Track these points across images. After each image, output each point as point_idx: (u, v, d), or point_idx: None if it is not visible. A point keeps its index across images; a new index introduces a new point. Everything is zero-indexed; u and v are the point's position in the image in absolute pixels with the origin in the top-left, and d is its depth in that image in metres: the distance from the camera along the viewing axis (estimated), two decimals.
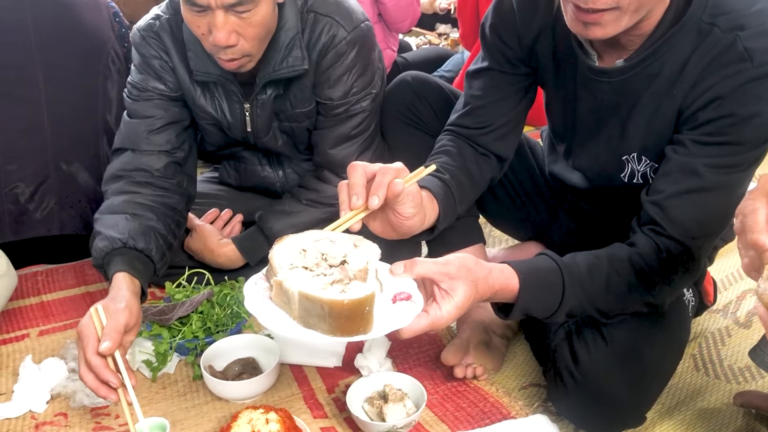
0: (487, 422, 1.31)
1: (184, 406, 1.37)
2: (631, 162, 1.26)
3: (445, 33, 4.11)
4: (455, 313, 1.03)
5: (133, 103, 1.60)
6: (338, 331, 0.95)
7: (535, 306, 1.13)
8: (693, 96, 1.13)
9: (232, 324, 1.53)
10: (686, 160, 1.14)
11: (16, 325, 1.63)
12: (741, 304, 1.67)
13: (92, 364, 1.18)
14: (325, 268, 1.01)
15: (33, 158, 1.77)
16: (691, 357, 1.50)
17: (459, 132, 1.41)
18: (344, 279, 0.98)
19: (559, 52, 1.29)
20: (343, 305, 0.93)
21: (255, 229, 1.71)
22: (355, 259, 1.01)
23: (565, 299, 1.13)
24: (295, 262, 1.01)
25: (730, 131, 1.11)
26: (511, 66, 1.36)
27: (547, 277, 1.13)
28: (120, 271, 1.34)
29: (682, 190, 1.14)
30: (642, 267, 1.14)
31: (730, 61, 1.09)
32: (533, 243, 1.70)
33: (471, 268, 1.05)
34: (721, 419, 1.33)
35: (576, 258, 1.16)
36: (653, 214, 1.15)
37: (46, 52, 1.79)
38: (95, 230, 1.45)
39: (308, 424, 1.26)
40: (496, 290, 1.08)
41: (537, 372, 1.45)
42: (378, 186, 1.05)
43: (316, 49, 1.54)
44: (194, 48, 1.52)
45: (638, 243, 1.16)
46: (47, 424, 1.32)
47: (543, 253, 1.18)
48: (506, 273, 1.10)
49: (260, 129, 1.65)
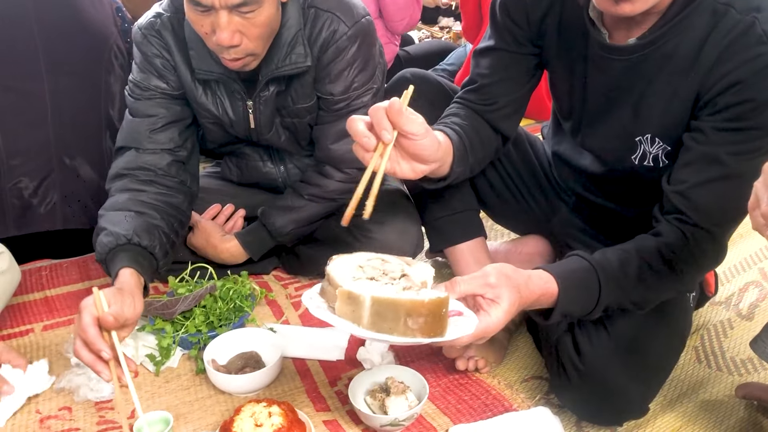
0: (489, 414, 1.31)
1: (187, 399, 1.38)
2: (643, 143, 1.26)
3: (448, 26, 4.10)
4: (504, 318, 1.05)
5: (135, 102, 1.60)
6: (417, 332, 0.95)
7: (573, 308, 1.14)
8: (711, 80, 1.12)
9: (234, 318, 1.54)
10: (708, 149, 1.14)
11: (20, 320, 1.64)
12: (743, 296, 1.67)
13: (88, 333, 1.18)
14: (389, 280, 1.02)
15: (36, 153, 1.78)
16: (693, 349, 1.50)
17: (466, 104, 1.41)
18: (413, 287, 1.00)
19: (567, 30, 1.28)
20: (423, 305, 0.94)
21: (258, 225, 1.71)
22: (414, 273, 1.03)
23: (602, 297, 1.14)
24: (357, 275, 1.02)
25: (750, 116, 1.10)
26: (519, 45, 1.36)
27: (583, 278, 1.14)
28: (125, 267, 1.34)
29: (705, 179, 1.14)
30: (671, 256, 1.15)
31: (748, 44, 1.08)
32: (534, 236, 1.71)
33: (509, 275, 1.07)
34: (723, 411, 1.33)
35: (606, 254, 1.17)
36: (678, 204, 1.16)
37: (49, 47, 1.78)
38: (99, 226, 1.45)
39: (311, 417, 1.26)
40: (537, 296, 1.10)
41: (539, 365, 1.46)
42: (379, 122, 1.05)
43: (317, 44, 1.53)
44: (196, 46, 1.52)
45: (664, 232, 1.17)
46: (51, 418, 1.33)
47: (575, 254, 1.19)
48: (544, 278, 1.11)
49: (263, 126, 1.65)
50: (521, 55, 1.37)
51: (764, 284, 1.71)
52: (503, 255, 1.73)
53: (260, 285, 1.74)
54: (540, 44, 1.35)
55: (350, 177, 1.67)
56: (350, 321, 0.97)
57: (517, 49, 1.36)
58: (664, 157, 1.24)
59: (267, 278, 1.80)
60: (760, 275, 1.74)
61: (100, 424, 1.31)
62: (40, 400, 1.37)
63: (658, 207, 1.21)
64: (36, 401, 1.37)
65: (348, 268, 1.04)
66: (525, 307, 1.11)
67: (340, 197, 1.68)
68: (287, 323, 1.62)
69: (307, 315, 1.65)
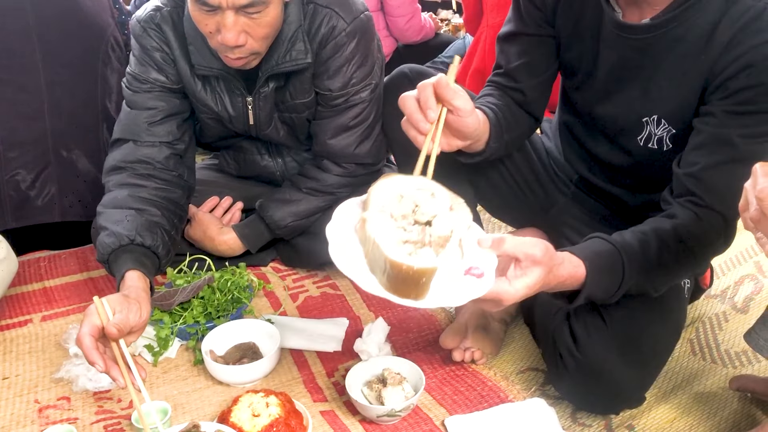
0: (485, 405, 1.32)
1: (185, 390, 1.38)
2: (650, 124, 1.27)
3: (447, 19, 4.09)
4: (523, 292, 1.02)
5: (133, 95, 1.59)
6: (392, 290, 0.94)
7: (598, 291, 1.13)
8: (722, 64, 1.13)
9: (232, 309, 1.55)
10: (719, 131, 1.15)
11: (19, 311, 1.64)
12: (738, 289, 1.68)
13: (82, 343, 1.16)
14: (409, 222, 0.99)
15: (33, 145, 1.78)
16: (688, 341, 1.51)
17: (498, 87, 1.43)
18: (418, 243, 0.97)
19: (581, 6, 1.29)
20: (401, 269, 0.92)
21: (255, 217, 1.72)
22: (442, 223, 0.99)
23: (625, 280, 1.14)
24: (387, 207, 1.00)
25: (762, 100, 1.11)
26: (539, 28, 1.37)
27: (608, 261, 1.13)
28: (131, 270, 1.32)
29: (717, 161, 1.14)
30: (687, 238, 1.16)
31: (760, 29, 1.09)
32: (530, 229, 1.71)
33: (552, 255, 1.06)
34: (717, 403, 1.34)
35: (625, 237, 1.16)
36: (690, 186, 1.17)
37: (46, 38, 1.78)
38: (99, 224, 1.43)
39: (308, 407, 1.27)
40: (563, 280, 1.09)
41: (535, 356, 1.47)
42: (426, 100, 1.06)
43: (315, 40, 1.53)
44: (195, 42, 1.51)
45: (679, 214, 1.17)
46: (50, 407, 1.34)
47: (597, 236, 1.17)
48: (574, 262, 1.10)
49: (262, 122, 1.65)
50: (543, 37, 1.38)
51: (759, 277, 1.72)
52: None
53: (258, 276, 1.74)
54: (553, 25, 1.36)
55: (348, 171, 1.67)
56: (360, 248, 0.98)
57: (538, 32, 1.37)
58: (669, 140, 1.25)
59: (265, 270, 1.81)
60: (755, 268, 1.75)
61: (98, 414, 1.32)
62: (39, 390, 1.38)
63: (668, 190, 1.22)
64: (35, 391, 1.38)
65: (390, 193, 1.02)
66: (547, 289, 1.09)
67: (338, 191, 1.68)
68: (285, 314, 1.62)
69: (305, 306, 1.66)
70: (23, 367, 1.45)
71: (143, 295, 1.28)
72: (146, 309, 1.26)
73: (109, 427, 1.29)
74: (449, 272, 0.98)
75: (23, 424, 1.30)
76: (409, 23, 3.25)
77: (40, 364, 1.46)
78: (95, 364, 1.15)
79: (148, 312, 1.26)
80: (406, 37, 3.29)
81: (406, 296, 0.95)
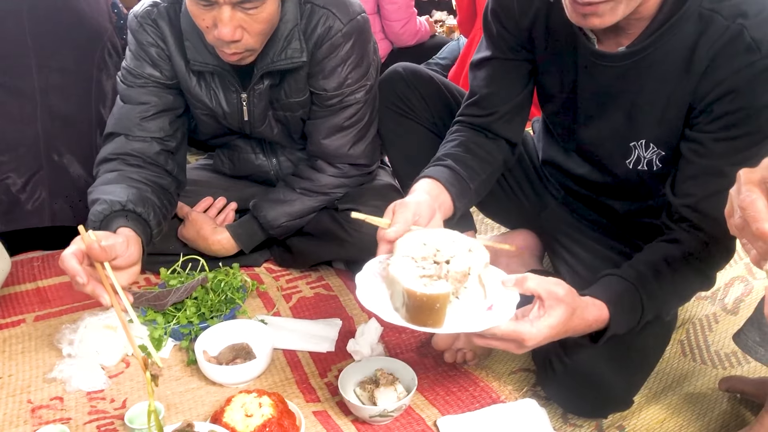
0: (476, 406, 1.33)
1: (178, 390, 1.39)
2: (638, 148, 1.28)
3: (441, 20, 4.09)
4: (546, 332, 1.04)
5: (127, 89, 1.60)
6: (411, 319, 1.01)
7: (621, 329, 1.16)
8: (705, 87, 1.14)
9: (226, 310, 1.55)
10: (709, 162, 1.17)
11: (12, 311, 1.64)
12: (729, 291, 1.69)
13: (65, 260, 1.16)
14: (428, 263, 1.06)
15: (25, 149, 1.77)
16: (678, 343, 1.52)
17: (467, 121, 1.43)
18: (434, 276, 1.03)
19: (556, 35, 1.30)
20: (415, 296, 0.98)
21: (249, 217, 1.72)
22: (460, 262, 1.06)
23: (645, 314, 1.17)
24: (409, 252, 1.08)
25: (746, 122, 1.12)
26: (513, 52, 1.37)
27: (629, 300, 1.16)
28: (123, 227, 1.32)
29: (712, 192, 1.16)
30: (697, 263, 1.20)
31: (737, 52, 1.10)
32: (523, 231, 1.72)
33: (575, 296, 1.09)
34: (707, 403, 1.35)
35: (640, 270, 1.19)
36: (689, 216, 1.20)
37: (40, 42, 1.77)
38: (91, 200, 1.42)
39: (301, 408, 1.28)
40: (590, 323, 1.12)
41: (526, 357, 1.47)
42: None
43: (311, 40, 1.54)
44: (191, 38, 1.52)
45: (684, 240, 1.20)
46: (43, 407, 1.34)
47: (613, 273, 1.20)
48: (598, 306, 1.13)
49: (257, 119, 1.66)
50: (517, 61, 1.38)
51: (750, 279, 1.73)
52: (492, 249, 1.75)
53: (252, 277, 1.75)
54: (530, 49, 1.36)
55: (342, 172, 1.68)
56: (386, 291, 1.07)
57: (512, 56, 1.37)
58: (659, 161, 1.26)
59: (258, 270, 1.81)
60: (745, 270, 1.76)
61: (91, 414, 1.32)
62: (32, 390, 1.38)
63: (666, 215, 1.24)
64: (28, 391, 1.38)
65: (414, 241, 1.10)
66: (572, 333, 1.11)
67: (332, 191, 1.69)
68: (278, 315, 1.63)
69: (298, 307, 1.66)
70: (16, 368, 1.45)
71: (133, 237, 1.29)
72: (135, 248, 1.28)
73: (102, 427, 1.29)
74: (472, 309, 1.05)
75: (16, 424, 1.30)
76: (404, 27, 3.26)
77: (33, 364, 1.46)
78: (77, 275, 1.15)
79: (137, 252, 1.28)
80: (401, 40, 3.31)
81: (424, 324, 1.01)
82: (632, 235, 1.43)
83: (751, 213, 0.79)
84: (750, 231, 0.79)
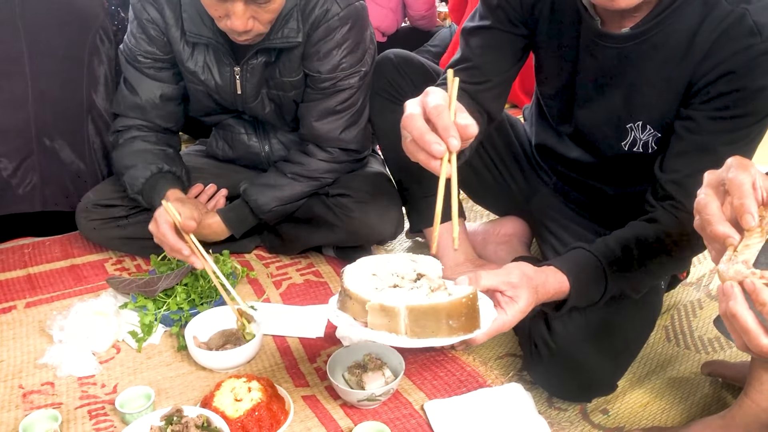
0: (463, 390, 1.35)
1: (169, 375, 1.40)
2: (634, 130, 1.29)
3: None
4: (519, 316, 1.11)
5: (127, 67, 1.68)
6: (460, 330, 0.99)
7: (582, 301, 1.19)
8: (704, 69, 1.15)
9: (216, 296, 1.56)
10: (701, 138, 1.17)
11: (2, 298, 1.65)
12: (713, 278, 1.71)
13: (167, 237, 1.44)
14: (410, 282, 1.06)
15: (16, 134, 1.76)
16: (663, 328, 1.55)
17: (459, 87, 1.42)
18: (441, 287, 1.03)
19: (559, 14, 1.30)
20: (462, 304, 0.98)
21: (240, 202, 1.73)
22: (427, 270, 1.07)
23: (608, 288, 1.19)
24: (378, 285, 1.05)
25: (741, 104, 1.14)
26: (512, 25, 1.36)
27: (591, 273, 1.18)
28: (172, 188, 1.60)
29: (699, 169, 1.14)
30: (670, 243, 1.20)
31: (739, 35, 1.11)
32: (512, 218, 1.73)
33: (531, 276, 1.12)
34: (689, 387, 1.38)
35: (608, 244, 1.20)
36: (672, 192, 1.20)
37: (32, 27, 1.76)
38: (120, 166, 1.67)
39: (290, 392, 1.30)
40: (551, 294, 1.16)
41: (512, 343, 1.49)
42: (447, 129, 0.97)
43: (308, 21, 1.55)
44: (189, 10, 1.56)
45: (661, 219, 1.21)
46: (35, 392, 1.35)
47: (579, 246, 1.22)
48: (559, 278, 1.16)
49: (249, 94, 1.67)
50: (513, 35, 1.37)
51: None
52: (482, 236, 1.76)
53: (242, 264, 1.76)
54: (532, 27, 1.36)
55: (333, 156, 1.69)
56: (387, 331, 0.99)
57: (509, 29, 1.36)
58: (654, 143, 1.27)
59: (248, 257, 1.82)
60: None
61: (82, 399, 1.33)
62: (23, 375, 1.39)
63: (651, 192, 1.25)
64: (19, 376, 1.39)
65: (364, 278, 1.06)
66: (537, 305, 1.15)
67: (323, 176, 1.69)
68: (268, 301, 1.64)
69: (288, 294, 1.67)
70: (7, 353, 1.46)
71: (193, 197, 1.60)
72: (201, 204, 1.63)
73: (93, 411, 1.30)
74: None
75: (7, 408, 1.31)
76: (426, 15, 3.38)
77: (24, 350, 1.47)
78: (182, 250, 1.44)
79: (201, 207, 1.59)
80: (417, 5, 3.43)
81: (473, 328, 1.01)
82: (621, 220, 1.45)
83: (705, 216, 0.81)
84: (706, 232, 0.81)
